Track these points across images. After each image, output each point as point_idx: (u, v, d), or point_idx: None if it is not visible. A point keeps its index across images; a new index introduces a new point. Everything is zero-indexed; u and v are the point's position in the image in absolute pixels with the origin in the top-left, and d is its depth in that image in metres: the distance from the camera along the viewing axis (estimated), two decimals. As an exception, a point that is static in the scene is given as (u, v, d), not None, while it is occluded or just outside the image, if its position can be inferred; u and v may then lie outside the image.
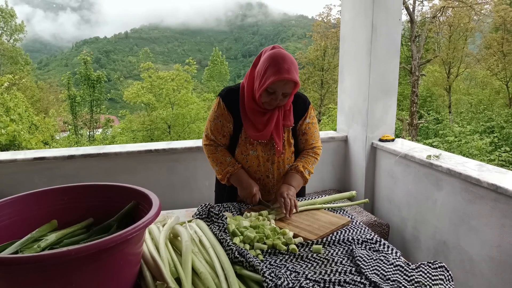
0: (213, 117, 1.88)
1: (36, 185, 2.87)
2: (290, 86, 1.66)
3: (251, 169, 1.87)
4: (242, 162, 1.87)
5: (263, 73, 1.66)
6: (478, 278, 2.33)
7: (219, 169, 1.87)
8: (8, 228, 1.10)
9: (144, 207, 1.13)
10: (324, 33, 22.07)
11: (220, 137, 1.88)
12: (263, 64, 1.68)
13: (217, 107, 1.86)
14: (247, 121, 1.80)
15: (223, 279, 1.09)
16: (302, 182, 1.87)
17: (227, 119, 1.85)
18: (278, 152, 1.83)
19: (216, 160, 1.88)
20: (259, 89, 1.69)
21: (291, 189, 1.77)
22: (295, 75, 1.64)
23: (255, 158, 1.86)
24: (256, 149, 1.85)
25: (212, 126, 1.88)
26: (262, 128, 1.77)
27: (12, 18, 25.66)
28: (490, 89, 20.75)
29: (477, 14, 18.79)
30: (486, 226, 2.26)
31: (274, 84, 1.63)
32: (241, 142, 1.86)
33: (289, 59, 1.66)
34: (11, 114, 9.71)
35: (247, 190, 1.79)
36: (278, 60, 1.64)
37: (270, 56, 1.66)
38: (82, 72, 18.28)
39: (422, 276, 1.20)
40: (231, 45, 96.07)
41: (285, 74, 1.61)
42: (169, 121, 18.50)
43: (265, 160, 1.86)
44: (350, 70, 3.51)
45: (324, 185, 3.64)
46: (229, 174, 1.83)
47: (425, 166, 2.73)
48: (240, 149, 1.87)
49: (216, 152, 1.88)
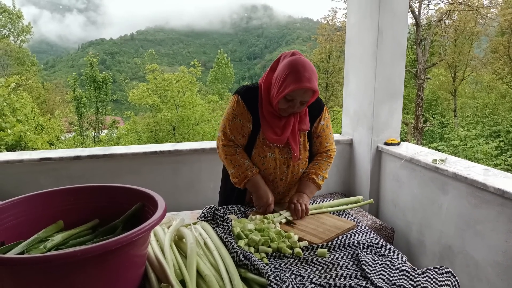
0: (231, 116, 1.79)
1: (42, 185, 2.88)
2: (309, 94, 1.63)
3: (267, 171, 1.82)
4: (259, 163, 1.82)
5: (282, 80, 1.62)
6: (483, 284, 2.31)
7: (235, 172, 1.79)
8: (15, 228, 1.10)
9: (150, 209, 1.13)
10: (329, 35, 22.06)
11: (240, 137, 1.80)
12: (283, 71, 1.63)
13: (236, 105, 1.79)
14: (265, 123, 1.75)
15: (227, 282, 1.09)
16: (315, 189, 1.85)
17: (246, 118, 1.78)
18: (295, 158, 1.79)
19: (234, 162, 1.79)
20: (277, 96, 1.65)
21: (303, 196, 1.76)
22: (315, 84, 1.61)
23: (272, 161, 1.81)
24: (273, 152, 1.80)
25: (231, 125, 1.79)
26: (280, 133, 1.74)
27: (19, 19, 25.84)
28: (496, 93, 20.60)
29: (483, 18, 18.66)
30: (492, 231, 2.24)
31: (294, 92, 1.60)
32: (259, 144, 1.80)
33: (310, 67, 1.62)
34: (18, 114, 9.76)
35: (264, 200, 1.75)
36: (299, 68, 1.60)
37: (291, 63, 1.62)
38: (88, 73, 18.37)
39: (428, 281, 1.20)
40: (236, 48, 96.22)
41: (306, 83, 1.58)
42: (173, 123, 18.54)
43: (282, 163, 1.82)
44: (355, 73, 3.50)
45: (329, 188, 3.63)
46: (247, 179, 1.77)
47: (431, 170, 2.72)
48: (257, 151, 1.81)
49: (235, 154, 1.80)
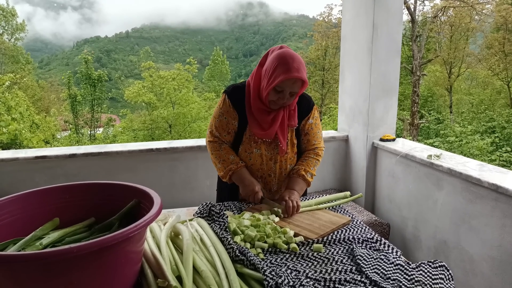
0: (218, 113, 1.87)
1: (37, 183, 2.86)
2: (298, 85, 1.67)
3: (253, 167, 1.87)
4: (245, 160, 1.87)
5: (272, 72, 1.66)
6: (478, 278, 2.33)
7: (221, 166, 1.85)
8: (10, 226, 1.10)
9: (146, 206, 1.13)
10: (325, 32, 22.07)
11: (225, 134, 1.87)
12: (271, 63, 1.67)
13: (223, 104, 1.86)
14: (252, 119, 1.80)
15: (224, 277, 1.10)
16: (304, 186, 1.87)
17: (232, 116, 1.84)
18: (282, 151, 1.83)
19: (219, 157, 1.86)
20: (267, 87, 1.68)
21: (293, 193, 1.77)
22: (304, 74, 1.65)
23: (258, 157, 1.86)
24: (260, 148, 1.85)
25: (217, 123, 1.87)
26: (268, 127, 1.78)
27: (13, 17, 25.63)
28: (491, 89, 20.71)
29: (478, 14, 18.75)
30: (486, 226, 2.26)
31: (283, 82, 1.64)
32: (245, 140, 1.85)
33: (298, 58, 1.66)
34: (13, 113, 9.72)
35: (249, 188, 1.79)
36: (287, 59, 1.64)
37: (279, 55, 1.66)
38: (83, 71, 18.28)
39: (422, 275, 1.21)
40: (232, 45, 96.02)
41: (294, 73, 1.62)
42: (170, 121, 18.52)
43: (268, 159, 1.87)
44: (351, 69, 3.51)
45: (325, 184, 3.64)
46: (231, 172, 1.82)
47: (426, 166, 2.74)
48: (244, 147, 1.86)
49: (219, 150, 1.87)
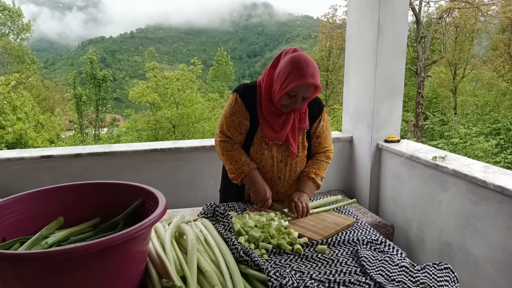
0: (229, 113, 1.83)
1: (42, 183, 2.88)
2: (311, 90, 1.65)
3: (264, 169, 1.85)
4: (256, 161, 1.83)
5: (285, 77, 1.63)
6: (483, 280, 2.32)
7: (232, 167, 1.81)
8: (16, 225, 1.11)
9: (151, 205, 1.13)
10: (329, 33, 22.05)
11: (237, 134, 1.83)
12: (285, 67, 1.64)
13: (234, 103, 1.82)
14: (264, 121, 1.78)
15: (228, 278, 1.10)
16: (314, 188, 1.87)
17: (244, 116, 1.81)
18: (293, 154, 1.81)
19: (231, 158, 1.82)
20: (279, 92, 1.66)
21: (303, 195, 1.77)
22: (318, 80, 1.63)
23: (269, 158, 1.83)
24: (271, 149, 1.82)
25: (229, 122, 1.83)
26: (279, 130, 1.76)
27: (19, 17, 25.83)
28: (496, 91, 20.56)
29: (483, 15, 18.64)
30: (491, 228, 2.25)
31: (297, 88, 1.62)
32: (256, 141, 1.82)
33: (312, 63, 1.64)
34: (18, 112, 9.77)
35: (261, 194, 1.76)
36: (302, 64, 1.61)
37: (293, 60, 1.63)
38: (88, 71, 18.34)
39: (427, 277, 1.20)
40: (236, 45, 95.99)
41: (309, 79, 1.60)
42: (174, 121, 18.55)
43: (279, 161, 1.84)
44: (356, 70, 3.50)
45: (329, 185, 3.64)
46: (244, 174, 1.79)
47: (431, 167, 2.73)
48: (255, 148, 1.83)
49: (232, 150, 1.82)
